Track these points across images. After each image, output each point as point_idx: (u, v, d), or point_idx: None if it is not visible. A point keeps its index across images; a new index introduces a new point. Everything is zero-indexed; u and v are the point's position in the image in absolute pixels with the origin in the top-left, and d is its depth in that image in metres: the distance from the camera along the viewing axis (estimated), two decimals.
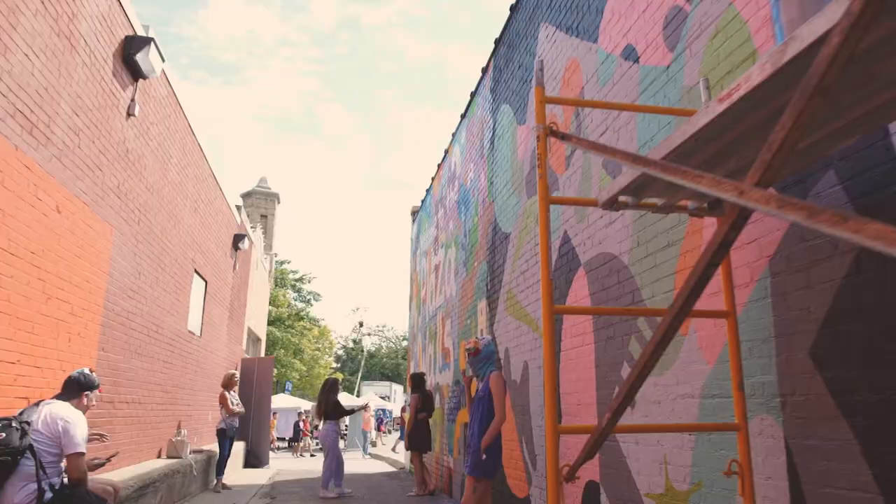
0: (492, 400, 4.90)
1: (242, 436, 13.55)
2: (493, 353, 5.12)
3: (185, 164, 9.44)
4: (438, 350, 10.90)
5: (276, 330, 31.13)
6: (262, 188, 21.96)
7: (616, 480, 4.16)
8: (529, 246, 6.25)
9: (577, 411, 4.85)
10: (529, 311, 6.10)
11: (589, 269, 4.82)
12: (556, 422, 2.68)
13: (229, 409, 9.74)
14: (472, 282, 8.66)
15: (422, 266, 13.49)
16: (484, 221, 8.17)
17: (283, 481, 11.67)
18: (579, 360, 4.86)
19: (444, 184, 11.25)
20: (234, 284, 13.96)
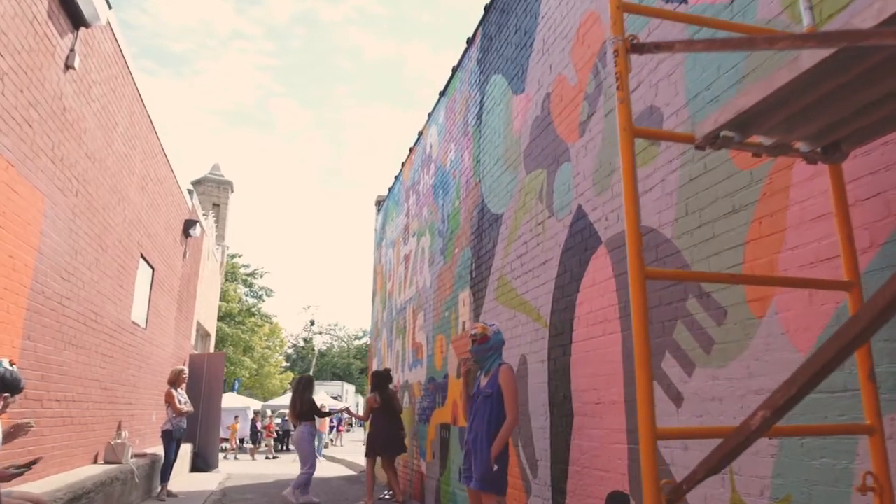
0: (502, 398, 4.21)
1: (190, 437, 12.51)
2: (502, 342, 4.43)
3: (132, 136, 8.46)
4: (408, 346, 10.16)
5: (225, 326, 29.73)
6: (215, 175, 20.73)
7: None
8: (529, 226, 5.58)
9: (595, 411, 4.19)
10: (528, 298, 5.43)
11: (614, 247, 4.17)
12: (653, 423, 2.00)
13: (176, 408, 8.78)
14: (451, 270, 7.96)
15: (388, 257, 12.71)
16: (468, 204, 7.48)
17: (234, 487, 10.73)
18: (599, 353, 4.21)
19: (417, 168, 10.52)
20: (183, 274, 12.90)
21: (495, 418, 4.22)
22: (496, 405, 4.24)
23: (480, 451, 4.20)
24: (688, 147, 3.49)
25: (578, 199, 4.72)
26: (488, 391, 4.28)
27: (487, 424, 4.23)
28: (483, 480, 4.13)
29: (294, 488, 8.50)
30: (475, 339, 4.39)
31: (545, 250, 5.22)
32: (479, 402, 4.33)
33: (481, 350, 4.40)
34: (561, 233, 4.95)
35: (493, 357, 4.41)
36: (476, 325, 4.47)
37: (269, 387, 37.16)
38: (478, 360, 4.42)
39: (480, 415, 4.27)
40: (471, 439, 4.30)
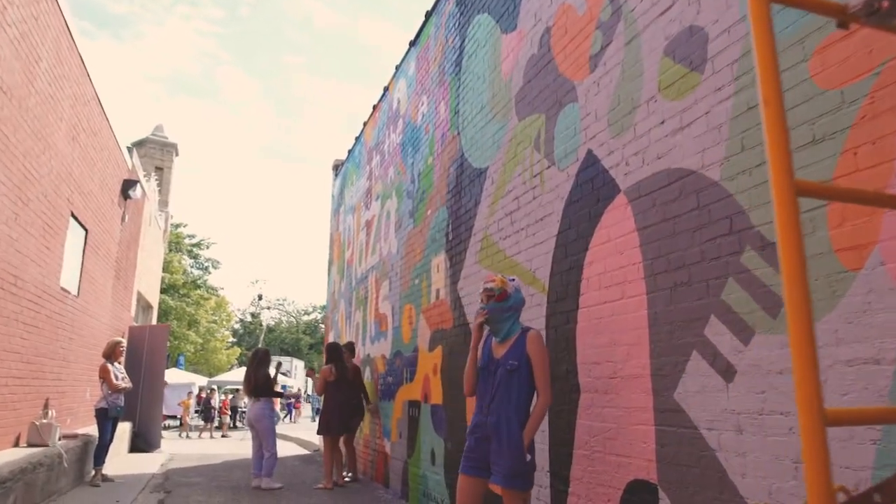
0: (530, 371, 3.48)
1: (129, 416, 11.57)
2: (522, 302, 3.70)
3: (60, 76, 7.42)
4: (370, 318, 9.45)
5: (169, 298, 28.29)
6: (158, 137, 19.31)
7: (691, 481, 2.96)
8: (522, 179, 4.93)
9: (609, 386, 3.61)
10: (521, 260, 4.81)
11: (636, 196, 3.56)
12: (820, 403, 1.36)
13: (113, 384, 7.89)
14: (422, 234, 7.27)
15: (347, 224, 11.92)
16: (443, 160, 6.78)
17: (179, 469, 9.89)
18: (616, 319, 3.62)
19: (382, 127, 9.73)
20: (122, 239, 11.83)
21: (525, 398, 3.44)
22: (524, 381, 3.44)
23: (507, 438, 3.37)
24: (744, 71, 2.88)
25: (588, 144, 4.08)
26: (512, 363, 3.44)
27: (516, 406, 3.42)
28: (513, 475, 3.34)
29: (265, 475, 7.77)
30: (492, 295, 3.56)
31: (543, 205, 4.58)
32: (498, 378, 3.46)
33: (499, 310, 3.55)
34: (564, 184, 4.32)
35: (511, 320, 3.60)
36: (493, 277, 3.65)
37: (215, 362, 35.85)
38: (492, 321, 3.57)
39: (503, 394, 3.43)
40: (491, 423, 3.42)
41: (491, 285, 3.59)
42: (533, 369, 3.45)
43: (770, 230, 2.65)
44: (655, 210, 3.38)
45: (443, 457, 6.02)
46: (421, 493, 6.53)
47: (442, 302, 6.42)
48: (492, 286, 3.59)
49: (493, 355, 3.57)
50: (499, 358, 3.52)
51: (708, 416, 2.89)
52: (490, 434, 3.42)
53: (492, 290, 3.59)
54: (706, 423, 2.90)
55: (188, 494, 7.38)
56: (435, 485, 6.14)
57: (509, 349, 3.51)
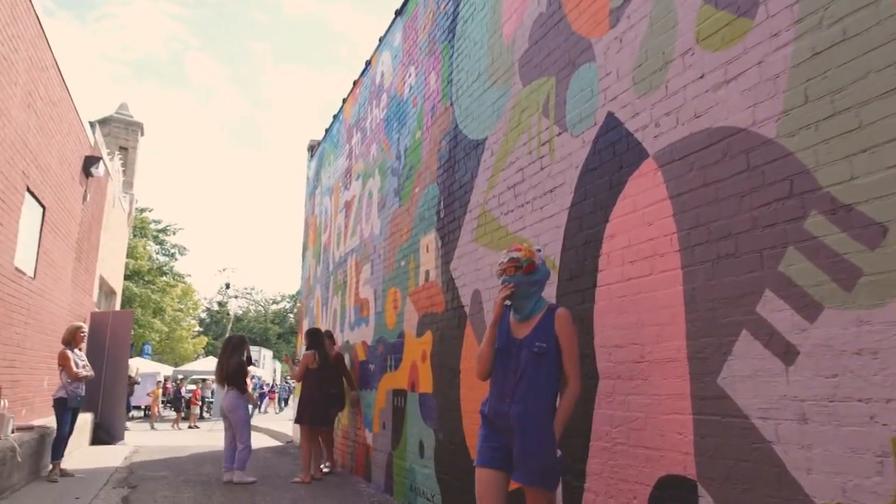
0: (558, 353, 3.03)
1: (91, 406, 10.95)
2: (548, 276, 3.27)
3: (13, 36, 6.79)
4: (349, 303, 9.00)
5: (133, 285, 27.29)
6: (123, 115, 18.42)
7: (740, 477, 2.61)
8: (527, 148, 4.54)
9: (636, 372, 3.25)
10: (527, 235, 4.42)
11: (668, 161, 3.19)
12: None
13: (72, 372, 7.32)
14: (409, 213, 6.85)
15: (323, 207, 11.42)
16: (434, 133, 6.36)
17: (144, 462, 9.34)
18: (645, 297, 3.26)
19: (363, 103, 9.25)
20: (83, 220, 11.16)
21: (554, 385, 3.03)
22: (553, 366, 3.01)
23: (536, 431, 2.94)
24: (808, 11, 2.53)
25: (608, 107, 3.71)
26: (540, 346, 2.99)
27: (545, 393, 2.99)
28: (542, 472, 2.93)
29: (237, 468, 7.30)
30: (519, 266, 3.11)
31: (552, 175, 4.20)
32: (523, 362, 3.02)
33: (526, 283, 3.09)
34: (579, 151, 3.94)
35: (536, 296, 3.15)
36: (519, 246, 3.19)
37: (180, 352, 34.87)
38: (517, 296, 3.10)
39: (530, 380, 2.99)
40: (515, 413, 2.97)
41: (518, 255, 3.13)
42: (562, 352, 3.04)
43: (845, 191, 2.31)
44: (693, 175, 3.02)
45: (433, 449, 5.63)
46: (407, 488, 6.14)
47: (432, 284, 6.02)
48: (518, 256, 3.12)
49: (514, 335, 3.12)
50: (521, 338, 3.08)
51: (761, 403, 2.55)
52: (513, 425, 2.99)
53: (518, 260, 3.12)
54: (759, 411, 2.56)
55: (155, 490, 6.88)
56: (424, 479, 5.75)
57: (535, 329, 3.07)
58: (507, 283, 3.12)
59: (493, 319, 3.15)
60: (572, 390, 3.04)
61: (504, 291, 3.12)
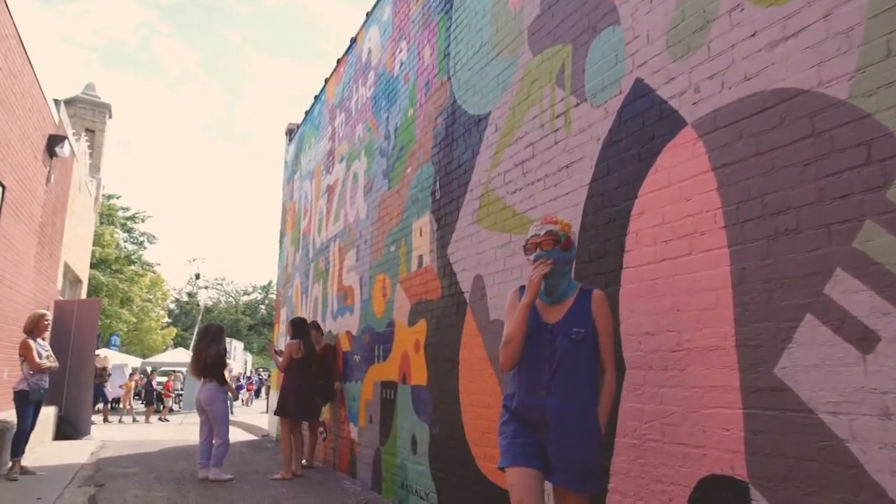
0: (596, 339, 2.69)
1: (55, 399, 10.39)
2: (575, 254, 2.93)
3: None
4: (332, 291, 8.61)
5: (100, 274, 26.36)
6: (90, 96, 17.61)
7: (804, 478, 2.33)
8: (539, 122, 4.21)
9: (671, 361, 2.95)
10: (536, 215, 4.09)
11: (711, 129, 2.89)
12: None
13: (35, 363, 6.82)
14: (399, 195, 6.48)
15: (303, 192, 10.97)
16: (428, 110, 5.99)
17: (112, 458, 8.85)
18: (683, 279, 2.96)
19: (348, 82, 8.83)
20: (47, 202, 10.55)
21: (594, 374, 2.68)
22: (592, 354, 2.68)
23: (580, 427, 2.59)
24: None
25: (636, 73, 3.39)
26: (578, 331, 2.64)
27: (588, 384, 2.65)
28: (587, 474, 2.59)
29: (214, 464, 6.88)
30: (558, 241, 2.73)
31: (569, 150, 3.88)
32: (559, 349, 2.64)
33: (563, 260, 2.75)
34: (600, 122, 3.63)
35: (569, 276, 2.82)
36: (553, 219, 2.81)
37: (149, 343, 33.95)
38: (552, 275, 2.72)
39: (567, 370, 2.62)
40: (552, 406, 2.60)
41: (555, 228, 2.74)
42: (599, 338, 2.70)
43: None
44: (743, 143, 2.72)
45: (427, 444, 5.30)
46: (397, 485, 5.80)
47: (426, 269, 5.67)
48: (556, 229, 2.74)
49: (543, 320, 2.75)
50: (553, 323, 2.71)
51: (831, 396, 2.27)
52: (550, 420, 2.61)
53: (556, 233, 2.73)
54: (828, 405, 2.27)
55: (124, 488, 6.43)
56: (417, 476, 5.42)
57: (569, 313, 2.71)
58: (543, 258, 2.72)
59: (526, 300, 2.69)
60: (611, 380, 2.73)
61: (542, 268, 2.70)
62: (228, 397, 7.56)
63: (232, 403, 16.48)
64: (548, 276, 2.72)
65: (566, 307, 2.73)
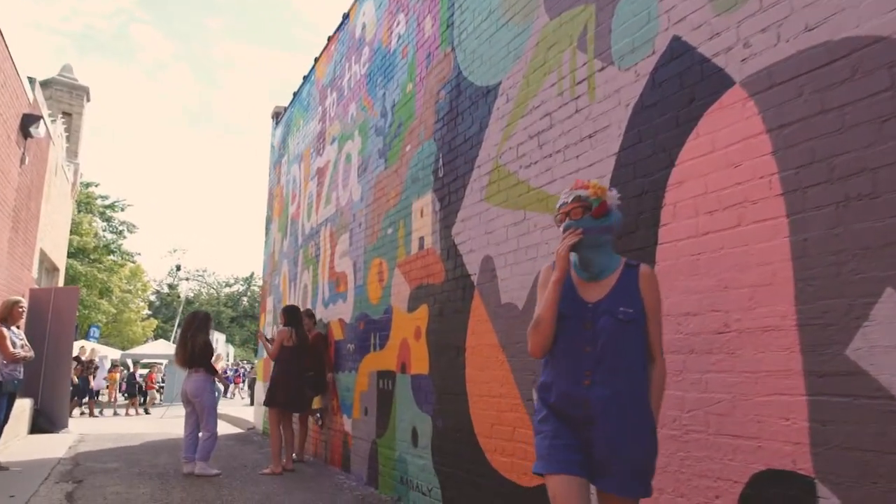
0: (643, 320, 2.30)
1: (30, 391, 9.96)
2: (621, 222, 2.49)
3: None
4: (323, 277, 8.27)
5: (78, 263, 25.69)
6: (66, 78, 16.99)
7: (882, 473, 2.06)
8: (557, 89, 3.91)
9: (717, 344, 2.68)
10: (556, 190, 3.80)
11: (765, 87, 2.60)
12: None
13: (9, 352, 6.43)
14: (398, 174, 6.15)
15: (291, 175, 10.59)
16: (430, 84, 5.67)
17: (91, 452, 8.46)
18: (728, 254, 2.68)
19: (340, 59, 8.47)
20: (21, 185, 10.08)
21: (645, 361, 2.30)
22: (642, 337, 2.29)
23: (632, 422, 2.22)
24: None
25: (672, 30, 3.10)
26: (626, 311, 2.26)
27: (638, 371, 2.26)
28: (642, 475, 2.25)
29: (200, 458, 6.54)
30: (587, 207, 2.37)
31: (593, 118, 3.59)
32: (603, 332, 2.26)
33: (597, 229, 2.35)
34: (630, 87, 3.33)
35: (608, 247, 2.40)
36: (584, 183, 2.43)
37: (129, 334, 33.28)
38: (585, 246, 2.35)
39: (615, 355, 2.24)
40: (598, 397, 2.21)
41: (585, 192, 2.38)
42: (647, 319, 2.31)
43: None
44: (804, 101, 2.44)
45: (429, 437, 5.00)
46: (396, 480, 5.50)
47: (428, 252, 5.36)
48: (586, 194, 2.38)
49: (582, 298, 2.36)
50: (593, 302, 2.32)
51: None
52: (596, 414, 2.22)
53: (586, 198, 2.37)
54: None
55: (104, 485, 6.07)
56: (418, 470, 5.12)
57: (614, 291, 2.33)
58: (572, 228, 2.36)
59: (556, 276, 2.34)
60: (661, 367, 2.35)
61: (570, 239, 2.33)
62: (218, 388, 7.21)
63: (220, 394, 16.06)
64: (578, 248, 2.36)
65: (609, 284, 2.35)
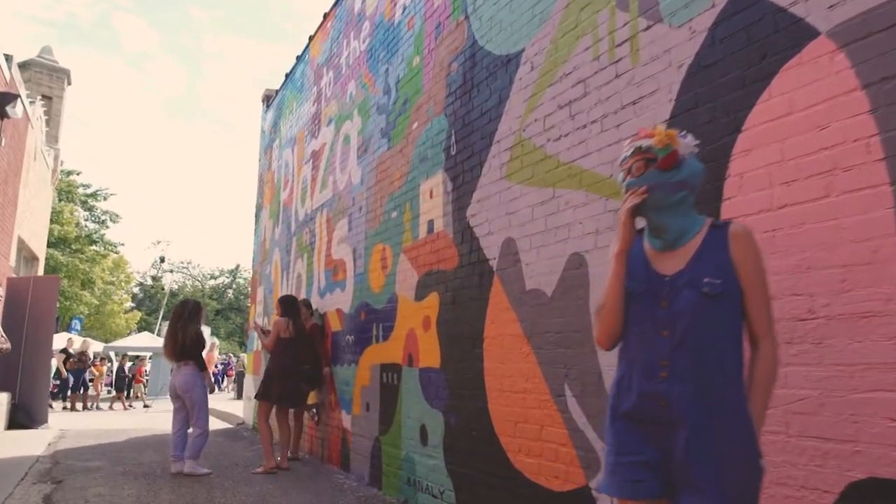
0: (740, 295, 1.81)
1: (7, 384, 9.46)
2: (702, 175, 1.98)
3: None
4: (318, 266, 7.86)
5: (59, 253, 25.01)
6: (46, 60, 16.33)
7: None
8: (591, 53, 3.54)
9: (801, 334, 2.33)
10: (590, 165, 3.44)
11: (860, 36, 2.25)
12: None
13: None
14: (403, 154, 5.76)
15: (283, 160, 10.15)
16: (440, 56, 5.27)
17: (72, 449, 8.01)
18: (812, 230, 2.33)
19: (337, 37, 8.04)
20: None
21: (740, 344, 1.80)
22: (736, 314, 1.80)
23: (722, 424, 1.73)
24: None
25: None
26: (712, 282, 1.78)
27: (731, 359, 1.78)
28: (740, 494, 1.70)
29: (190, 456, 6.13)
30: (651, 158, 1.89)
31: (637, 82, 3.22)
32: (682, 312, 1.80)
33: (666, 185, 1.86)
34: (683, 45, 2.97)
35: (685, 205, 1.89)
36: (648, 131, 1.93)
37: (111, 327, 32.56)
38: (653, 206, 1.88)
39: (699, 339, 1.77)
40: (679, 394, 1.76)
41: (647, 142, 1.89)
42: (745, 292, 1.81)
43: None
44: None
45: (441, 435, 4.64)
46: (402, 480, 5.14)
47: (439, 236, 4.98)
48: (649, 143, 1.89)
49: (656, 270, 1.89)
50: (671, 275, 1.85)
51: None
52: (677, 416, 1.76)
53: (649, 148, 1.88)
54: None
55: (85, 486, 5.65)
56: (427, 471, 4.76)
57: (696, 258, 1.84)
58: (633, 186, 1.91)
59: (617, 246, 1.92)
60: (768, 354, 1.81)
61: (631, 200, 1.89)
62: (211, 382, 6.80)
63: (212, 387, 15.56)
64: (645, 210, 1.89)
65: (690, 251, 1.87)
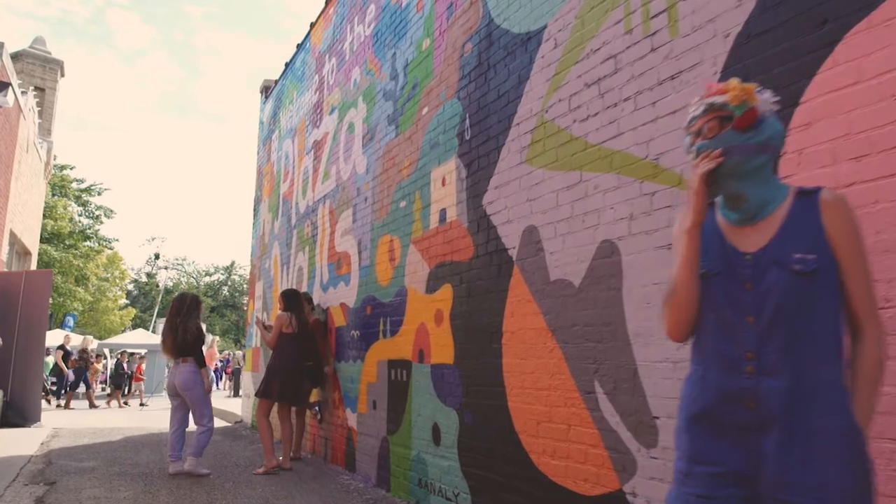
0: (833, 271, 1.49)
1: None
2: (783, 136, 1.72)
3: None
4: (321, 259, 7.62)
5: (52, 249, 24.64)
6: (38, 50, 16.00)
7: None
8: (624, 26, 3.30)
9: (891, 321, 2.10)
10: (621, 146, 3.20)
11: None
12: None
13: None
14: (412, 141, 5.52)
15: (283, 151, 9.88)
16: (453, 36, 5.03)
17: (66, 449, 7.75)
18: (888, 209, 2.10)
19: (340, 23, 7.78)
20: None
21: (840, 331, 1.50)
22: (834, 295, 1.50)
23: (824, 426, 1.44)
24: None
25: None
26: (805, 258, 1.48)
27: (830, 348, 1.48)
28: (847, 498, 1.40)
29: (193, 454, 5.90)
30: (727, 116, 1.59)
31: (675, 56, 2.98)
32: (769, 295, 1.50)
33: (745, 148, 1.56)
34: (730, 13, 2.73)
35: (765, 172, 1.59)
36: (717, 88, 1.62)
37: (106, 324, 32.24)
38: (730, 173, 1.58)
39: (792, 324, 1.48)
40: (770, 390, 1.48)
41: (721, 98, 1.59)
42: (842, 269, 1.51)
43: None
44: None
45: (455, 435, 4.40)
46: (413, 482, 4.90)
47: (452, 225, 4.75)
48: (722, 100, 1.59)
49: (735, 248, 1.60)
50: (754, 252, 1.57)
51: None
52: (768, 416, 1.49)
53: (724, 105, 1.59)
54: None
55: (79, 487, 5.40)
56: (441, 472, 4.53)
57: (782, 232, 1.55)
58: (706, 149, 1.61)
59: (691, 219, 1.61)
60: (874, 343, 1.51)
61: (704, 165, 1.60)
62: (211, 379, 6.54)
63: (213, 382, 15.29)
64: (720, 178, 1.60)
65: (775, 224, 1.57)
